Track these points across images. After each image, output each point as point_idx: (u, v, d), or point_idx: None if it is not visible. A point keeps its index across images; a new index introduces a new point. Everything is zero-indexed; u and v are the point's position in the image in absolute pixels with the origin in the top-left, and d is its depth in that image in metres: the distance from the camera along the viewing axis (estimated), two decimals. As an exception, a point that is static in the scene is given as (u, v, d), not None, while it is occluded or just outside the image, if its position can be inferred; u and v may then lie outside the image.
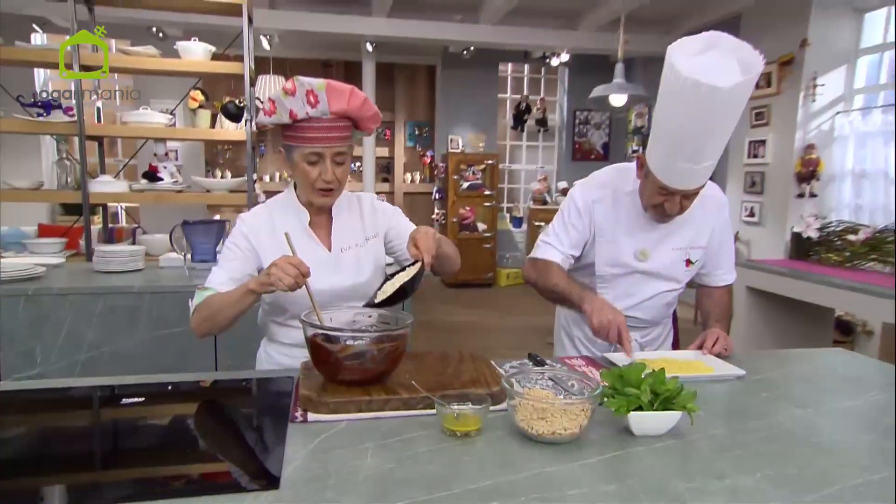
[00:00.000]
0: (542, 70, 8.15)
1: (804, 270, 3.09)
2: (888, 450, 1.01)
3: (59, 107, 3.45)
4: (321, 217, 1.51)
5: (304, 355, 1.45)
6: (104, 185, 3.49)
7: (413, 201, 8.28)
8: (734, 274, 1.81)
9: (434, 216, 7.68)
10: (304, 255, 1.37)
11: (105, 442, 1.10)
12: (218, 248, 2.56)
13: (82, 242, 3.56)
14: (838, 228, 3.19)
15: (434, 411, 1.11)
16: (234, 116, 3.53)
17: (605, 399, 1.05)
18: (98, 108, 3.66)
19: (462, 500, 0.83)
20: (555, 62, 7.05)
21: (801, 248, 3.34)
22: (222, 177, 7.49)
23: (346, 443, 1.00)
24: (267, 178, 8.00)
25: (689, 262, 1.69)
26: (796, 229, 3.31)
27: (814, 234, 3.19)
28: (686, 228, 1.66)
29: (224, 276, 1.40)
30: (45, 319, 2.25)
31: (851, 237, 3.03)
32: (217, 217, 7.06)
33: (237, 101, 3.52)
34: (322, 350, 1.17)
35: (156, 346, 2.33)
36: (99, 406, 1.26)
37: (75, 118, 3.28)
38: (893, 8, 4.73)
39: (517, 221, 7.95)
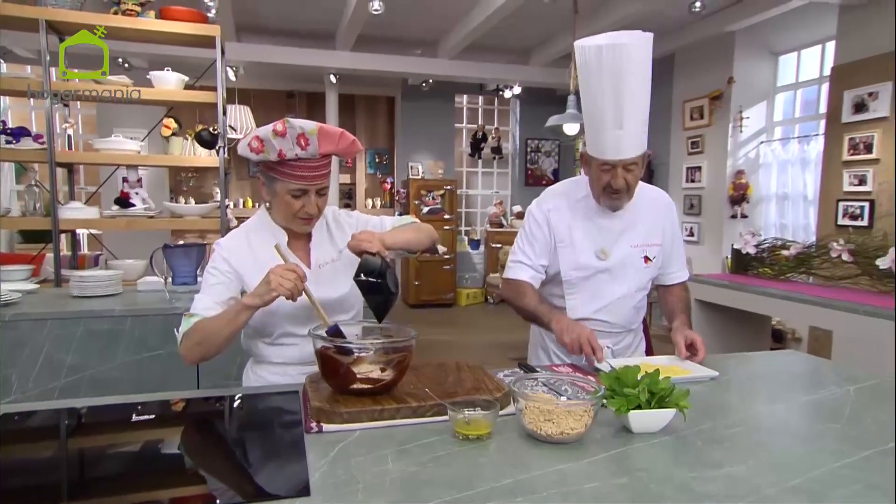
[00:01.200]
0: (496, 101, 8.34)
1: (744, 283, 3.26)
2: (854, 437, 1.08)
3: (29, 134, 3.31)
4: (299, 236, 1.48)
5: (297, 373, 1.44)
6: (75, 210, 3.35)
7: (375, 225, 8.24)
8: (687, 272, 1.85)
9: (396, 239, 7.66)
10: None
11: (126, 462, 1.05)
12: (199, 272, 2.49)
13: (49, 269, 3.39)
14: (772, 245, 3.37)
15: (442, 418, 1.12)
16: (208, 143, 3.46)
17: (606, 400, 1.08)
18: (69, 136, 3.52)
19: (488, 497, 0.84)
20: (507, 94, 7.23)
21: (741, 262, 3.51)
22: (186, 203, 7.29)
23: (365, 450, 1.00)
24: (231, 204, 7.82)
25: (647, 258, 1.72)
26: (736, 246, 3.48)
27: (751, 250, 3.37)
28: (639, 226, 1.70)
29: (209, 301, 1.35)
30: (21, 345, 2.13)
31: (784, 252, 3.21)
32: (181, 243, 6.85)
33: (211, 129, 3.46)
34: (333, 362, 1.16)
35: (137, 369, 2.24)
36: (112, 426, 1.20)
37: (45, 145, 3.15)
38: (799, 53, 5.11)
39: (475, 244, 8.03)
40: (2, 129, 3.24)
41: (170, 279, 2.45)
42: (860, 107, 4.01)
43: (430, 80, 6.88)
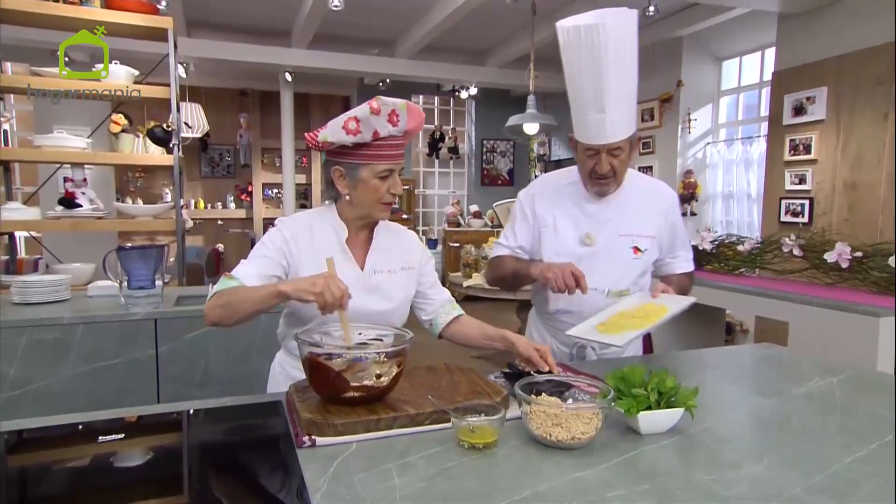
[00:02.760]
0: (452, 102, 8.29)
1: (701, 278, 3.31)
2: (855, 429, 1.06)
3: (-40, 129, 3.01)
4: (360, 236, 1.39)
5: None
6: (14, 212, 3.07)
7: (332, 226, 8.04)
8: (691, 264, 1.78)
9: (354, 240, 7.50)
10: (338, 270, 1.26)
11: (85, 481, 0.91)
12: (157, 275, 2.30)
13: (-15, 274, 3.09)
14: (726, 241, 3.45)
15: (442, 426, 1.03)
16: (162, 141, 3.24)
17: (615, 401, 1.02)
18: (6, 131, 3.22)
19: (510, 513, 0.77)
20: (464, 95, 7.18)
21: (697, 258, 3.57)
22: (134, 204, 6.89)
23: (365, 465, 0.90)
24: (184, 204, 7.45)
25: (637, 249, 1.63)
26: (693, 242, 3.54)
27: (708, 247, 3.43)
28: (628, 215, 1.63)
29: (252, 270, 1.27)
30: (-45, 359, 1.90)
31: (739, 248, 3.28)
32: (129, 245, 6.46)
33: (164, 126, 3.24)
34: (323, 368, 1.05)
35: (89, 381, 2.04)
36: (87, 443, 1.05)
37: (-21, 141, 2.87)
38: (741, 58, 5.29)
39: (432, 243, 7.94)
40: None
41: (125, 283, 2.25)
42: (799, 110, 4.17)
43: (387, 80, 6.75)
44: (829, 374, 1.41)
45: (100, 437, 0.96)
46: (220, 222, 7.75)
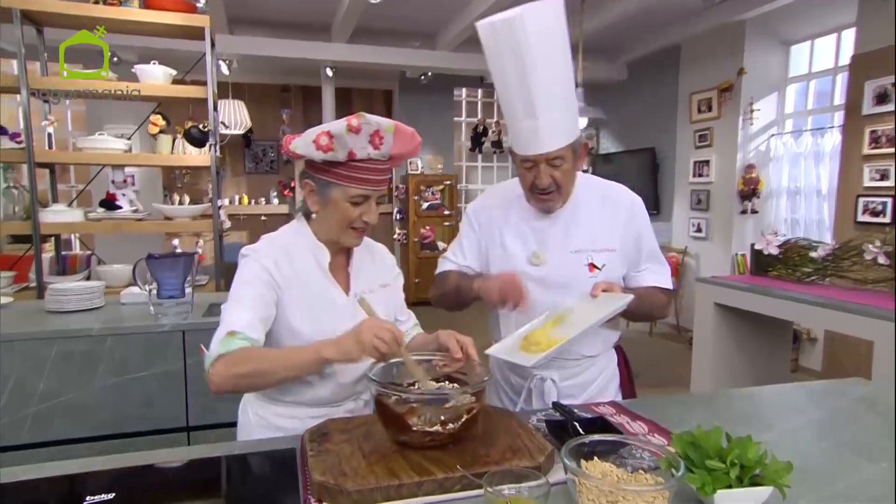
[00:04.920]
0: (495, 95, 8.06)
1: (767, 286, 3.03)
2: None
3: (6, 132, 3.04)
4: (339, 258, 1.27)
5: (308, 416, 1.21)
6: (57, 214, 3.09)
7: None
8: (665, 279, 1.50)
9: (395, 236, 7.42)
10: (322, 298, 1.17)
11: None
12: (186, 284, 2.24)
13: (32, 276, 3.13)
14: (796, 245, 3.14)
15: (475, 493, 0.88)
16: (198, 141, 3.20)
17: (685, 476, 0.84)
18: (49, 134, 3.25)
19: None
20: (508, 88, 6.95)
21: (761, 264, 3.28)
22: (181, 201, 7.01)
23: (381, 549, 0.76)
24: (226, 202, 7.55)
25: (593, 266, 1.41)
26: (757, 246, 3.25)
27: (774, 251, 3.14)
28: (581, 229, 1.43)
29: (251, 316, 1.11)
30: (-13, 371, 1.88)
31: (812, 254, 2.98)
32: (176, 242, 6.58)
33: (201, 126, 3.19)
34: (387, 410, 0.95)
35: (117, 394, 1.99)
36: None
37: (23, 144, 2.89)
38: (812, 42, 4.86)
39: (475, 239, 7.78)
40: (-24, 127, 2.97)
41: (154, 291, 2.20)
42: (883, 97, 3.77)
43: (429, 73, 6.60)
44: (943, 425, 1.17)
45: (87, 497, 0.85)
46: (263, 218, 7.81)
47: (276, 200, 7.89)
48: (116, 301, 2.37)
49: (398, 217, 7.45)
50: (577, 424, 1.09)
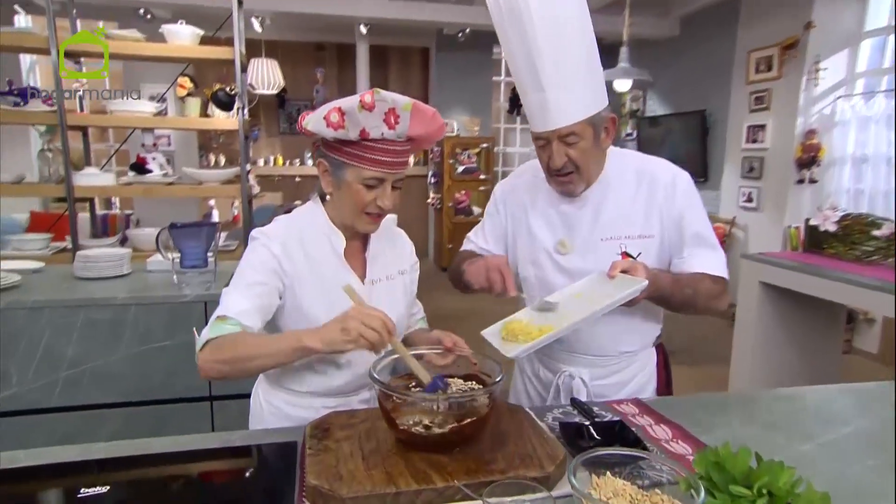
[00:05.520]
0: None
1: (820, 266, 2.84)
2: None
3: (39, 95, 3.08)
4: (355, 243, 1.21)
5: (322, 405, 1.18)
6: (90, 177, 3.16)
7: (407, 185, 7.88)
8: (715, 264, 1.29)
9: (429, 200, 7.36)
10: (338, 287, 1.10)
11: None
12: (209, 254, 2.25)
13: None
14: (857, 221, 2.92)
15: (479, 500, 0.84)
16: (225, 105, 3.18)
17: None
18: (80, 97, 3.28)
19: None
20: (550, 45, 6.66)
21: (815, 240, 3.08)
22: (216, 162, 7.11)
23: (371, 564, 0.73)
24: (261, 163, 7.62)
25: (626, 255, 1.28)
26: (813, 221, 3.05)
27: (831, 228, 2.93)
28: (612, 213, 1.29)
29: (247, 304, 1.07)
30: (19, 335, 1.94)
31: (875, 232, 2.76)
32: (213, 203, 6.70)
33: (228, 89, 3.17)
34: (382, 407, 0.92)
35: (141, 362, 2.03)
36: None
37: (55, 108, 2.92)
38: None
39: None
40: (8, 89, 3.01)
41: (178, 260, 2.22)
42: (969, 57, 3.41)
43: (467, 30, 6.37)
44: None
45: (81, 490, 0.86)
46: (297, 179, 7.86)
47: (310, 162, 7.91)
48: (143, 268, 2.41)
49: (432, 181, 7.37)
50: (591, 429, 1.03)
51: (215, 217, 6.33)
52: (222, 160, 7.12)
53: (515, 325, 1.12)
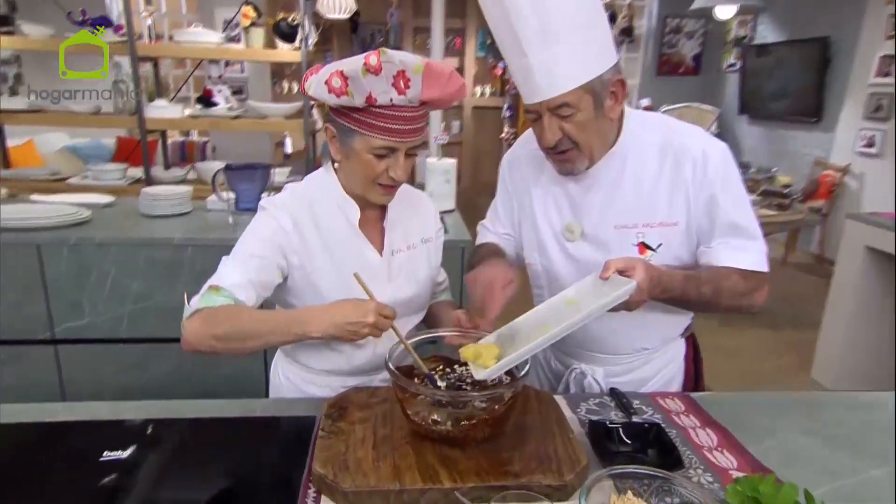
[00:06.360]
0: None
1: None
2: None
3: (110, 24, 3.17)
4: (372, 212, 1.15)
5: (340, 385, 1.18)
6: (159, 109, 3.27)
7: (481, 116, 7.72)
8: (748, 256, 1.10)
9: (503, 135, 7.14)
10: (353, 259, 1.09)
11: None
12: (263, 195, 2.29)
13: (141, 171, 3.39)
14: None
15: (485, 506, 0.82)
16: (287, 36, 3.14)
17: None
18: (149, 27, 3.34)
19: None
20: (648, -41, 6.04)
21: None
22: (289, 89, 7.18)
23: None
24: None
25: (644, 246, 1.13)
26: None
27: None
28: (627, 197, 1.13)
29: (241, 278, 1.03)
30: (90, 269, 2.09)
31: None
32: (286, 134, 6.83)
33: (290, 20, 3.11)
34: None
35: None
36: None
37: (125, 37, 3.00)
38: None
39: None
40: (82, 18, 3.11)
41: (233, 202, 2.28)
42: None
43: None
44: None
45: (104, 452, 0.91)
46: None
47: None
48: (203, 208, 2.49)
49: (508, 114, 7.12)
50: (621, 432, 0.96)
51: (288, 146, 6.46)
52: (295, 87, 7.18)
53: (481, 348, 0.98)
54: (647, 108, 6.79)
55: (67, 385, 2.16)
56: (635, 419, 1.05)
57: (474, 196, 5.80)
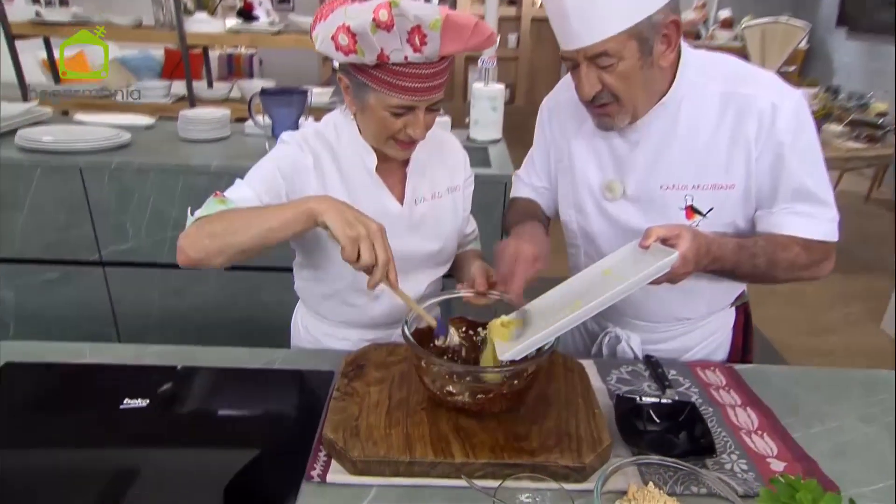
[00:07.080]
0: None
1: None
2: None
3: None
4: (393, 159, 1.08)
5: (359, 338, 1.17)
6: (200, 23, 3.20)
7: (542, 29, 7.24)
8: (816, 225, 0.99)
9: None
10: (370, 208, 1.00)
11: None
12: (301, 121, 2.23)
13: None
14: None
15: (498, 483, 0.80)
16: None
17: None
18: (184, -68, 3.21)
19: None
20: None
21: None
22: None
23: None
24: None
25: (692, 210, 1.02)
26: None
27: None
28: (677, 154, 1.01)
29: (251, 193, 0.99)
30: (131, 193, 2.13)
31: None
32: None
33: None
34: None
35: (238, 230, 2.17)
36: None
37: (161, -56, 2.90)
38: None
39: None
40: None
41: (270, 128, 2.24)
42: None
43: None
44: None
45: (125, 400, 0.94)
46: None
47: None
48: (240, 133, 2.47)
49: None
50: (651, 412, 0.91)
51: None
52: (342, -6, 6.89)
53: (510, 324, 0.94)
54: (725, 22, 6.20)
55: (116, 305, 2.28)
56: (668, 392, 1.00)
57: (529, 116, 5.53)
